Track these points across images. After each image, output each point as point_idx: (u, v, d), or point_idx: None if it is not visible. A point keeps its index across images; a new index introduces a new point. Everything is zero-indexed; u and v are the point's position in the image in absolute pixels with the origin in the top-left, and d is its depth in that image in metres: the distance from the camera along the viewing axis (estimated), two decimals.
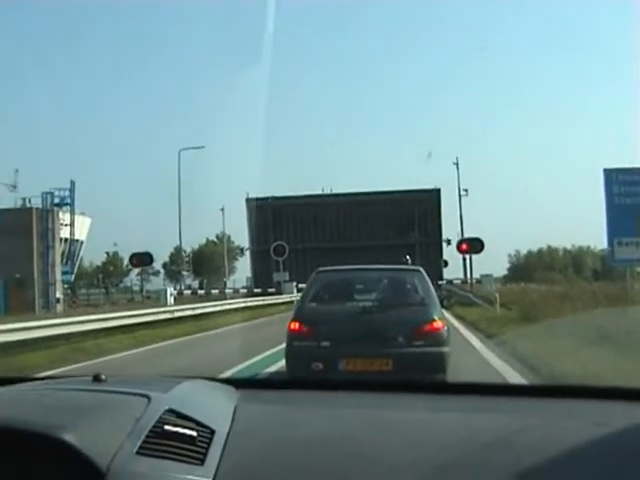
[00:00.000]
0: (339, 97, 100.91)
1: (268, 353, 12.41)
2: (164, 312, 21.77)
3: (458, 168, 47.38)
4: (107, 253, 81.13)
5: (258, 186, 48.55)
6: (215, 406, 1.53)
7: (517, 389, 2.40)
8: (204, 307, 26.56)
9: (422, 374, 7.05)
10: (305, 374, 7.31)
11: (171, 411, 1.33)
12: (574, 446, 1.32)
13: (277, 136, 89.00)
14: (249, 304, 31.29)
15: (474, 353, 12.65)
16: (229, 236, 69.08)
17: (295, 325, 8.03)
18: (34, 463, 1.15)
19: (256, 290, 44.43)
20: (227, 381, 1.86)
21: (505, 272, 77.08)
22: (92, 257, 79.77)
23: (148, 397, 1.36)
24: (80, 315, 19.92)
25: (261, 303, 32.76)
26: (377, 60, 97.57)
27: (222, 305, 28.72)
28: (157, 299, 38.84)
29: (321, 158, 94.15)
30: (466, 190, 47.23)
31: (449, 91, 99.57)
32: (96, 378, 1.55)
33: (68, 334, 15.46)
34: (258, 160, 46.70)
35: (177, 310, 23.52)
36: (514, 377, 9.25)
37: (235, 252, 70.55)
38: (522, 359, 10.56)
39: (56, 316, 21.78)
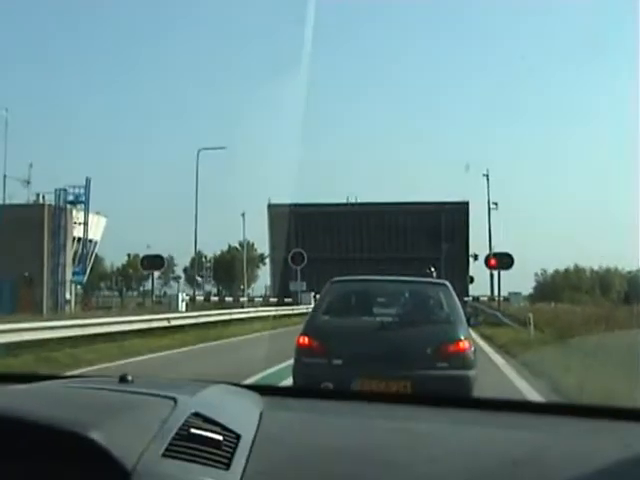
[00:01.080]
0: (370, 105, 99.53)
1: (266, 373, 11.42)
2: (160, 319, 20.14)
3: (488, 180, 45.08)
4: (128, 255, 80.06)
5: (282, 192, 47.10)
6: (241, 411, 1.51)
7: (545, 407, 2.11)
8: (209, 315, 25.11)
9: None
10: None
11: (197, 414, 1.31)
12: (601, 465, 1.29)
13: (304, 142, 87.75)
14: (260, 314, 29.61)
15: (510, 387, 10.62)
16: (253, 243, 68.10)
17: (305, 339, 7.31)
18: (59, 460, 1.12)
19: (272, 299, 42.91)
20: (252, 387, 1.84)
21: (531, 291, 75.32)
22: (114, 258, 78.83)
23: (175, 400, 1.34)
24: (82, 318, 18.72)
25: (273, 313, 31.19)
26: (408, 72, 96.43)
27: (230, 314, 27.19)
28: (168, 304, 37.86)
29: (348, 167, 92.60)
30: (496, 204, 44.77)
31: (480, 104, 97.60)
32: (122, 379, 1.54)
33: (45, 340, 13.80)
34: (283, 165, 45.20)
35: (176, 318, 21.94)
36: None
37: (257, 260, 69.56)
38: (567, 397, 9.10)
39: (42, 319, 20.29)
